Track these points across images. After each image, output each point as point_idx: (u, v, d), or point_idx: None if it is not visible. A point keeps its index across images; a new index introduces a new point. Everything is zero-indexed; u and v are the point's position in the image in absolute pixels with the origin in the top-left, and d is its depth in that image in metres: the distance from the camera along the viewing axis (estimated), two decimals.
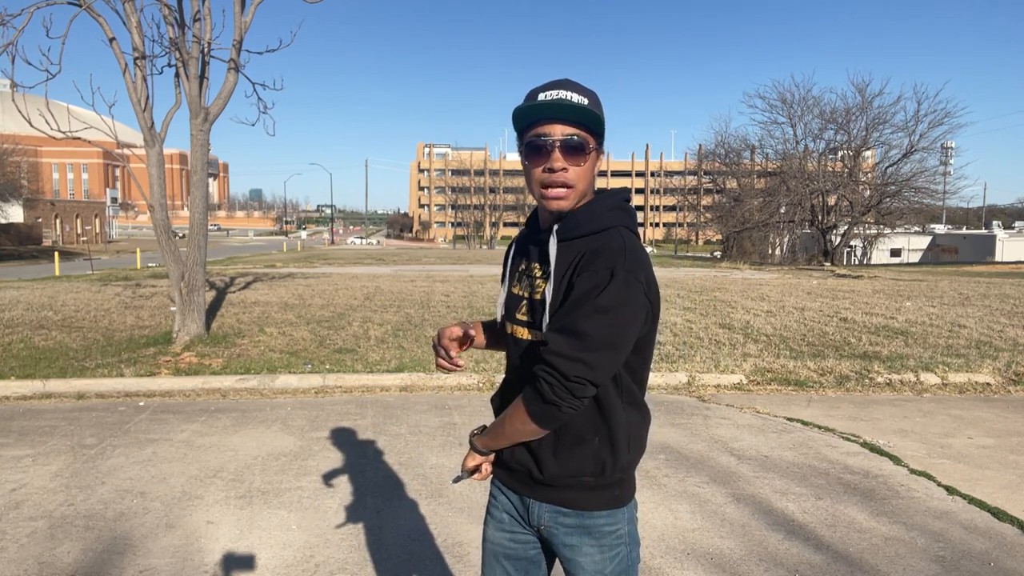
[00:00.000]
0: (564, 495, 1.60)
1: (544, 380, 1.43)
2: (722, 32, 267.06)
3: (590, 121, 1.51)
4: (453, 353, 1.78)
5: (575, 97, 1.50)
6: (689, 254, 52.74)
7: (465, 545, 3.50)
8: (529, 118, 1.53)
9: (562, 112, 1.49)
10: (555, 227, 1.56)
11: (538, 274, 1.60)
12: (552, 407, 1.44)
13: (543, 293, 1.54)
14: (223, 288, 14.16)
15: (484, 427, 1.69)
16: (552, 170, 1.50)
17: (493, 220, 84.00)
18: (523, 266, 1.67)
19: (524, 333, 1.61)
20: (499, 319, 1.75)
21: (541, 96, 1.52)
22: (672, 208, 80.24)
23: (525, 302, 1.61)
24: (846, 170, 35.41)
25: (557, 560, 1.73)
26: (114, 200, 51.25)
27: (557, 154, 1.50)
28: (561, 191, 1.52)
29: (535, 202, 1.64)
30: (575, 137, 1.50)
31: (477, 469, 1.68)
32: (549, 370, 1.42)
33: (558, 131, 1.50)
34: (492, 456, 1.67)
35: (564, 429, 1.54)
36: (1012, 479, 4.49)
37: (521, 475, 1.65)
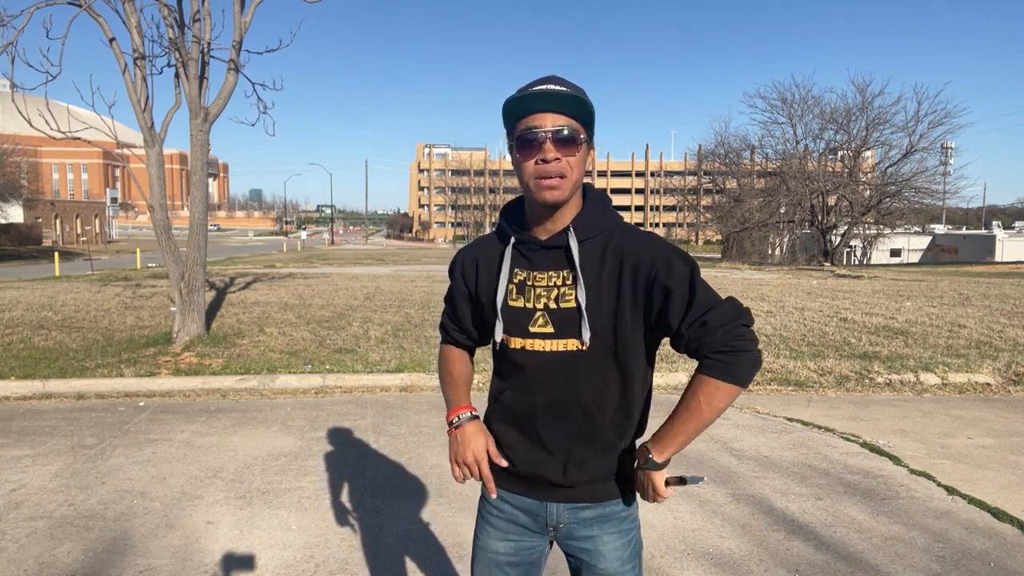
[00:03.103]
0: (584, 491, 1.62)
1: (742, 343, 1.46)
2: (722, 32, 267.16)
3: (579, 111, 1.50)
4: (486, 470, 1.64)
5: (563, 89, 1.50)
6: (689, 254, 52.68)
7: (465, 545, 3.50)
8: (519, 111, 1.51)
9: (551, 102, 1.48)
10: (570, 239, 1.54)
11: (559, 282, 1.56)
12: (759, 356, 1.51)
13: (576, 299, 1.53)
14: (223, 288, 14.16)
15: (639, 447, 1.60)
16: (545, 161, 1.49)
17: (493, 220, 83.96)
18: (523, 276, 1.59)
19: (546, 345, 1.56)
20: (498, 339, 1.62)
21: (530, 91, 1.51)
22: (672, 208, 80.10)
23: (542, 313, 1.56)
24: (846, 170, 35.41)
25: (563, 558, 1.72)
26: (114, 200, 51.16)
27: (549, 145, 1.48)
28: (555, 181, 1.50)
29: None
30: (566, 128, 1.49)
31: (681, 480, 1.58)
32: (744, 331, 1.47)
33: (548, 121, 1.48)
34: (664, 472, 1.57)
35: (596, 438, 1.57)
36: (1012, 479, 4.49)
37: (536, 481, 1.63)
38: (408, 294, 13.97)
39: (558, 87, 1.50)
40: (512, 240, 1.62)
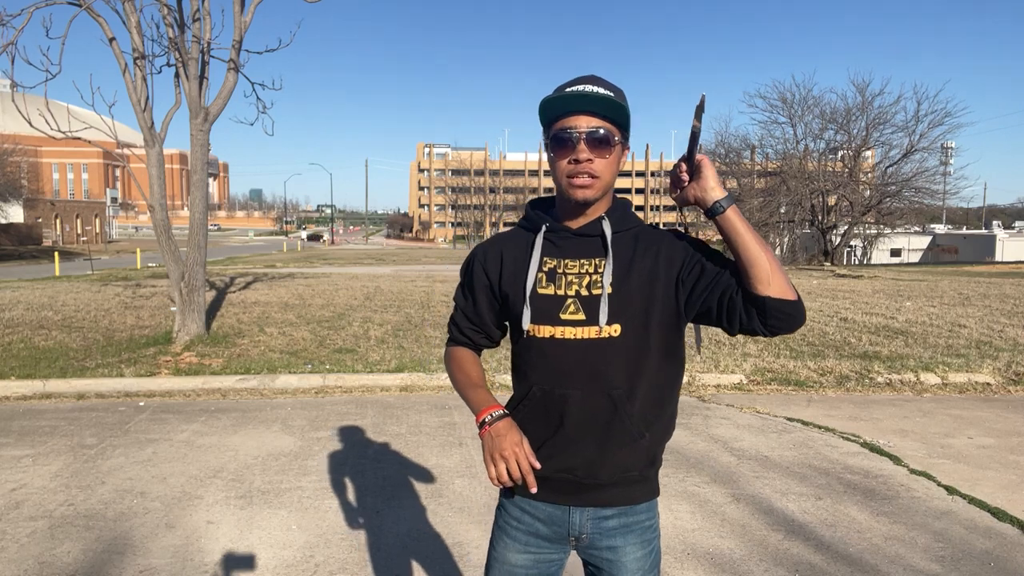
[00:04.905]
0: (609, 493, 1.59)
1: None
2: (723, 32, 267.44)
3: (615, 113, 1.51)
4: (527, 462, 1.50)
5: (600, 91, 1.50)
6: None
7: (465, 545, 3.50)
8: (555, 111, 1.53)
9: (587, 104, 1.49)
10: (604, 225, 1.57)
11: (591, 270, 1.56)
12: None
13: (601, 283, 1.53)
14: (223, 288, 14.16)
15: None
16: (578, 161, 1.51)
17: (493, 220, 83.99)
18: (552, 264, 1.59)
19: (577, 332, 1.54)
20: (525, 327, 1.57)
21: (568, 91, 1.52)
22: (672, 208, 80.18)
23: (573, 300, 1.55)
24: (846, 170, 35.37)
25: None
26: (114, 200, 51.07)
27: (583, 146, 1.50)
28: (587, 180, 1.52)
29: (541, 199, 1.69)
30: (601, 130, 1.50)
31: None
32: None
33: (583, 123, 1.50)
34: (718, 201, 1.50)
35: (625, 430, 1.54)
36: (1012, 479, 4.49)
37: (562, 484, 1.59)
38: (408, 294, 13.97)
39: (595, 88, 1.50)
40: (544, 228, 1.62)
